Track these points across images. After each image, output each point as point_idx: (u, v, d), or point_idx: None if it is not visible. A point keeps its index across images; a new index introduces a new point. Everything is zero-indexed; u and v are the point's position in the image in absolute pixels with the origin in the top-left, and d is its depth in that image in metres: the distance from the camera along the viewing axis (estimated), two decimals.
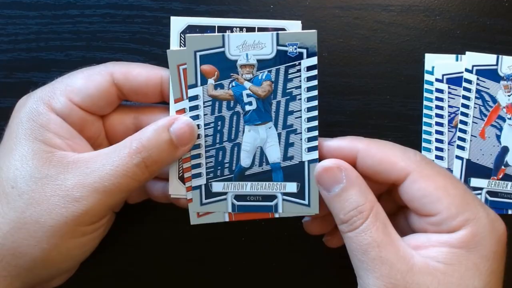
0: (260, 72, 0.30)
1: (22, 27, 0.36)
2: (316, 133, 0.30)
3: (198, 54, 0.29)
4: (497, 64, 0.36)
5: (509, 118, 0.36)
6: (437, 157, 0.37)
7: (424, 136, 0.37)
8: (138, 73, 0.30)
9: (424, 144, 0.37)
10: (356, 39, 0.36)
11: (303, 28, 0.30)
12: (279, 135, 0.30)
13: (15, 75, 0.36)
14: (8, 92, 0.36)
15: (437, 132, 0.37)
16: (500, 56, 0.36)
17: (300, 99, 0.30)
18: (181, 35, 0.30)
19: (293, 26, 0.30)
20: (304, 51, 0.29)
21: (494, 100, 0.36)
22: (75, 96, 0.29)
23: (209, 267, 0.37)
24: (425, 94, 0.37)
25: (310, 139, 0.30)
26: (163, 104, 0.32)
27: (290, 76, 0.30)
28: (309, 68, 0.30)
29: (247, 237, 0.37)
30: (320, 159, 0.30)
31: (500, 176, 0.37)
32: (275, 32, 0.29)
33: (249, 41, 0.29)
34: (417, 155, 0.28)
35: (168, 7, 0.36)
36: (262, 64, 0.30)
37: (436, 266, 0.26)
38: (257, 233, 0.37)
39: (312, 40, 0.29)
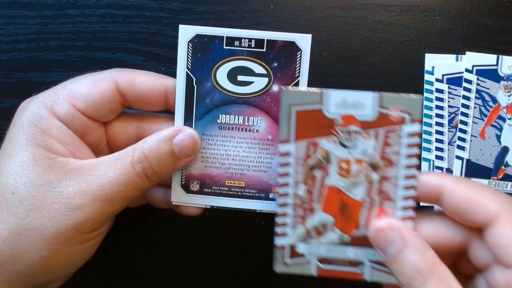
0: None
1: (22, 27, 0.36)
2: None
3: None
4: (497, 64, 0.36)
5: (509, 118, 0.36)
6: (437, 157, 0.37)
7: (424, 136, 0.37)
8: (143, 81, 0.30)
9: (424, 144, 0.37)
10: (356, 39, 0.36)
11: (301, 31, 0.30)
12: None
13: (15, 75, 0.36)
14: (8, 92, 0.36)
15: (437, 132, 0.37)
16: (500, 56, 0.36)
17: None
18: (189, 43, 0.30)
19: (303, 39, 0.30)
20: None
21: (494, 100, 0.36)
22: (79, 102, 0.29)
23: (209, 267, 0.37)
24: (425, 94, 0.37)
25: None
26: (166, 113, 0.32)
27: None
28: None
29: (247, 237, 0.37)
30: None
31: (500, 176, 0.36)
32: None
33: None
34: (508, 198, 0.26)
35: (168, 7, 0.36)
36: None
37: None
38: (257, 233, 0.37)
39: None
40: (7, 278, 0.27)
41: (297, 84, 0.30)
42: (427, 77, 0.36)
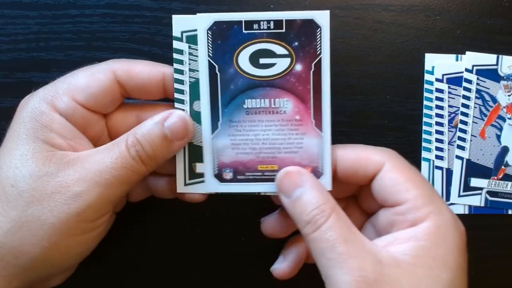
0: None
1: (22, 27, 0.36)
2: None
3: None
4: (497, 64, 0.36)
5: (509, 118, 0.36)
6: (437, 157, 0.37)
7: (424, 136, 0.37)
8: (141, 70, 0.30)
9: (424, 144, 0.37)
10: (356, 39, 0.36)
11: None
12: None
13: (15, 75, 0.36)
14: (8, 92, 0.36)
15: (437, 132, 0.37)
16: (500, 56, 0.36)
17: None
18: (208, 31, 0.30)
19: (321, 16, 0.29)
20: None
21: (494, 100, 0.36)
22: (79, 95, 0.29)
23: (209, 267, 0.37)
24: (425, 94, 0.37)
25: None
26: (165, 101, 0.32)
27: None
28: None
29: (247, 237, 0.37)
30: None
31: (500, 176, 0.37)
32: None
33: None
34: (389, 150, 0.30)
35: (168, 7, 0.36)
36: None
37: (403, 259, 0.26)
38: (257, 233, 0.37)
39: None
40: (8, 271, 0.27)
41: (319, 62, 0.30)
42: (427, 77, 0.36)
